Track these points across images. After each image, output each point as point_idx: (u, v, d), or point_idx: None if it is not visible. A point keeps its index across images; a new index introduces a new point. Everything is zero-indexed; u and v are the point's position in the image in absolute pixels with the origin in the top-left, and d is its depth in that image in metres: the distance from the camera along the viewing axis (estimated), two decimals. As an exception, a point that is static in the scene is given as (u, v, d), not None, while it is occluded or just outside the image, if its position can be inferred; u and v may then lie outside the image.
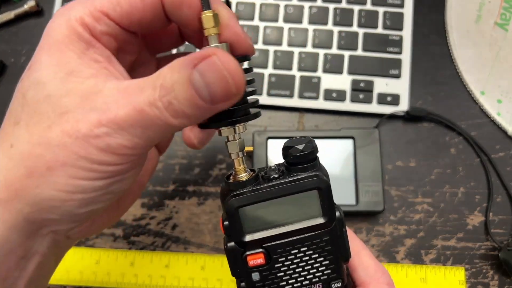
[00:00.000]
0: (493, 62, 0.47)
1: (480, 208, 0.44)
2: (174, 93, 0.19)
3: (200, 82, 0.19)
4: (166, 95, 0.19)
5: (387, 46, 0.47)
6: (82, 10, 0.21)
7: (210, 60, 0.19)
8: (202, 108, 0.19)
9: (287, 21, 0.48)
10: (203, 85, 0.19)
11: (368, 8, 0.47)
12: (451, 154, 0.45)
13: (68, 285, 0.42)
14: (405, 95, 0.46)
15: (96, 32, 0.22)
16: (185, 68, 0.19)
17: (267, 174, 0.23)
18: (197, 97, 0.19)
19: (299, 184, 0.22)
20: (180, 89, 0.19)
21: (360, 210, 0.42)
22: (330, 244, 0.23)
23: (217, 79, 0.19)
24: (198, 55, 0.19)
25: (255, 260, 0.23)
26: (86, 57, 0.21)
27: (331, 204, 0.23)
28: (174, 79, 0.19)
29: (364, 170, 0.43)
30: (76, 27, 0.21)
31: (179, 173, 0.45)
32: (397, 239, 0.43)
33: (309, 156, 0.23)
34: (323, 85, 0.46)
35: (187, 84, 0.19)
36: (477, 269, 0.42)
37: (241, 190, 0.22)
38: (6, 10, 0.49)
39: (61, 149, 0.20)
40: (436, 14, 0.49)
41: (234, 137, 0.23)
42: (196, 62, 0.19)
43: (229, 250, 0.23)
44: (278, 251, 0.23)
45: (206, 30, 0.21)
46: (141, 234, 0.44)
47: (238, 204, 0.22)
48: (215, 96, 0.19)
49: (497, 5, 0.48)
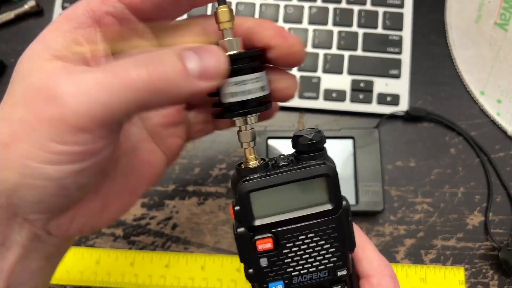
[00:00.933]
0: (493, 62, 0.47)
1: (480, 208, 0.44)
2: (160, 59, 0.19)
3: (192, 57, 0.20)
4: (154, 61, 0.19)
5: (387, 46, 0.47)
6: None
7: (201, 47, 0.20)
8: (188, 78, 0.19)
9: (287, 21, 0.48)
10: (195, 60, 0.20)
11: (368, 8, 0.47)
12: (451, 154, 0.45)
13: (68, 285, 0.42)
14: (405, 95, 0.46)
15: (99, 13, 0.22)
16: (175, 48, 0.20)
17: (277, 162, 0.24)
18: (187, 70, 0.19)
19: (308, 171, 0.23)
20: (167, 57, 0.19)
21: (360, 210, 0.42)
22: (336, 232, 0.24)
23: (212, 57, 0.20)
24: (190, 45, 0.20)
25: (264, 245, 0.23)
26: (73, 39, 0.21)
27: (338, 191, 0.24)
28: (162, 52, 0.19)
29: (364, 170, 0.43)
30: (78, 10, 0.21)
31: (179, 173, 0.45)
32: (397, 239, 0.43)
33: (318, 145, 0.23)
34: (323, 85, 0.46)
35: (176, 56, 0.19)
36: (477, 269, 0.42)
37: (252, 176, 0.23)
38: (6, 10, 0.49)
39: (18, 124, 0.19)
40: (436, 14, 0.49)
41: (246, 127, 0.24)
42: (189, 48, 0.20)
43: (239, 235, 0.23)
44: (286, 237, 0.24)
45: (221, 24, 0.22)
46: (141, 234, 0.44)
47: (250, 188, 0.23)
48: (207, 71, 0.20)
49: (497, 5, 0.48)
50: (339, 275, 0.24)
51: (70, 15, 0.21)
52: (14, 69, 0.21)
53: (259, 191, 0.23)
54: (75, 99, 0.18)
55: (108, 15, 0.22)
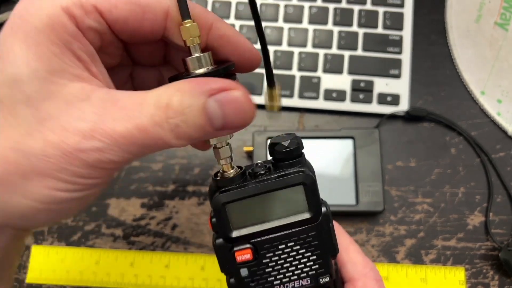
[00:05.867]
0: (493, 62, 0.47)
1: (480, 208, 0.44)
2: (185, 117, 0.18)
3: (217, 112, 0.19)
4: (175, 117, 0.18)
5: (387, 46, 0.46)
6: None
7: (232, 94, 0.19)
8: (209, 133, 0.19)
9: (287, 21, 0.48)
10: (219, 116, 0.19)
11: (368, 8, 0.47)
12: (451, 154, 0.45)
13: (68, 285, 0.42)
14: (405, 95, 0.46)
15: (83, 25, 0.19)
16: (200, 95, 0.19)
17: (254, 170, 0.23)
18: (209, 125, 0.19)
19: (285, 180, 0.23)
20: (192, 114, 0.18)
21: (360, 210, 0.42)
22: (317, 239, 0.24)
23: (237, 112, 0.19)
24: (214, 85, 0.19)
25: (243, 256, 0.23)
26: (69, 53, 0.19)
27: (317, 199, 0.23)
28: (186, 102, 0.18)
29: (364, 170, 0.43)
30: (61, 16, 0.18)
31: (179, 173, 0.45)
32: (397, 239, 0.43)
33: (295, 152, 0.23)
34: (323, 85, 0.46)
35: (201, 111, 0.19)
36: (477, 269, 0.42)
37: (228, 187, 0.23)
38: (6, 10, 0.49)
39: (41, 159, 0.18)
40: (436, 14, 0.49)
41: (222, 144, 0.23)
42: (213, 92, 0.19)
43: (218, 246, 0.23)
44: (265, 247, 0.23)
45: (188, 40, 0.21)
46: (141, 234, 0.44)
47: (225, 200, 0.22)
48: (229, 126, 0.19)
49: (497, 5, 0.48)
50: (322, 282, 0.24)
51: (53, 22, 0.18)
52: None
53: (235, 202, 0.22)
54: (112, 151, 0.18)
55: (91, 30, 0.20)
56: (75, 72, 0.19)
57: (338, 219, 0.44)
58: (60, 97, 0.18)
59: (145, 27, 0.21)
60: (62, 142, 0.18)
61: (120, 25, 0.20)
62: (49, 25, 0.18)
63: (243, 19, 0.48)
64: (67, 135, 0.18)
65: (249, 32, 0.47)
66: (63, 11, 0.19)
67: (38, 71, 0.18)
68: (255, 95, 0.46)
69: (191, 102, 0.18)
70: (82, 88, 0.19)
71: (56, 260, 0.43)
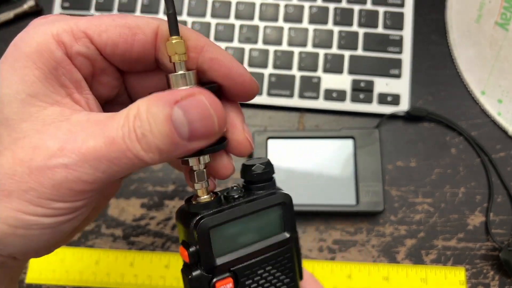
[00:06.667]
0: (494, 62, 0.47)
1: (480, 208, 0.44)
2: (150, 126, 0.18)
3: (181, 118, 0.18)
4: (140, 126, 0.18)
5: (388, 45, 0.46)
6: (62, 25, 0.19)
7: (196, 98, 0.18)
8: (177, 145, 0.18)
9: (287, 21, 0.47)
10: (184, 122, 0.18)
11: (368, 7, 0.47)
12: (452, 154, 0.45)
13: (68, 285, 0.42)
14: (405, 95, 0.46)
15: (71, 51, 0.20)
16: (165, 104, 0.18)
17: (229, 194, 0.23)
18: (175, 133, 0.18)
19: (265, 200, 0.22)
20: (156, 123, 0.18)
21: (361, 210, 0.42)
22: (291, 261, 0.24)
23: (201, 117, 0.18)
24: (180, 93, 0.18)
25: (225, 286, 0.22)
26: (52, 78, 0.19)
27: (294, 219, 0.24)
28: (151, 111, 0.18)
29: (365, 170, 0.42)
30: (50, 43, 0.19)
31: (179, 173, 0.45)
32: (398, 239, 0.43)
33: (265, 175, 0.23)
34: (323, 85, 0.46)
35: (165, 119, 0.18)
36: (477, 269, 0.42)
37: (206, 212, 0.22)
38: (6, 10, 0.49)
39: (9, 177, 0.18)
40: (437, 13, 0.49)
41: (199, 167, 0.22)
42: (178, 99, 0.18)
43: (195, 279, 0.21)
44: (245, 273, 0.23)
45: (173, 57, 0.21)
46: (140, 235, 0.44)
47: (211, 224, 0.21)
48: (195, 134, 0.18)
49: (498, 4, 0.48)
50: None
51: (41, 48, 0.19)
52: None
53: (218, 227, 0.22)
54: (79, 167, 0.18)
55: (79, 55, 0.20)
56: (56, 98, 0.19)
57: (338, 219, 0.44)
58: (38, 118, 0.18)
59: (135, 49, 0.21)
60: (31, 159, 0.18)
61: (111, 48, 0.20)
62: (37, 51, 0.19)
63: (243, 19, 0.47)
64: (36, 152, 0.18)
65: (249, 31, 0.47)
66: (53, 38, 0.19)
67: (19, 93, 0.18)
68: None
69: (157, 110, 0.18)
70: (61, 111, 0.19)
71: (55, 260, 0.43)
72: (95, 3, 0.48)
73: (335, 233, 0.43)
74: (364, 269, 0.41)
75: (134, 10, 0.48)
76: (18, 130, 0.18)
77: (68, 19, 0.20)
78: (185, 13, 0.48)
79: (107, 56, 0.21)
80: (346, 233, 0.43)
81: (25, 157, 0.18)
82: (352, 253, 0.43)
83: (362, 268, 0.41)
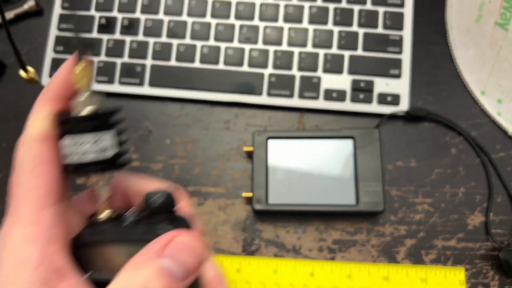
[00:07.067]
0: (494, 62, 0.47)
1: (480, 208, 0.44)
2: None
3: (172, 265, 0.19)
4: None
5: (387, 46, 0.46)
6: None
7: (176, 241, 0.19)
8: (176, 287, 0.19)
9: (287, 21, 0.48)
10: (176, 266, 0.19)
11: (368, 8, 0.47)
12: (452, 154, 0.45)
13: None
14: (405, 95, 0.46)
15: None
16: (150, 261, 0.18)
17: (126, 216, 0.23)
18: (173, 281, 0.18)
19: (148, 232, 0.21)
20: (153, 284, 0.18)
21: (360, 210, 0.42)
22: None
23: (189, 254, 0.19)
24: (159, 244, 0.19)
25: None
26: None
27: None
28: (144, 276, 0.18)
29: (364, 170, 0.42)
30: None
31: (179, 173, 0.45)
32: (398, 239, 0.43)
33: (165, 207, 0.22)
34: (323, 85, 0.46)
35: (159, 275, 0.18)
36: (477, 269, 0.42)
37: (90, 229, 0.22)
38: (6, 10, 0.49)
39: None
40: (437, 13, 0.49)
41: (104, 183, 0.22)
42: (160, 251, 0.19)
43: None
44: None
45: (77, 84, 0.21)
46: (141, 234, 0.44)
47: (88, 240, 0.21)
48: (190, 270, 0.19)
49: (498, 4, 0.48)
50: None
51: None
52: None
53: (90, 247, 0.21)
54: None
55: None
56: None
57: (338, 219, 0.44)
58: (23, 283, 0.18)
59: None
60: None
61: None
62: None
63: (243, 19, 0.48)
64: None
65: (249, 31, 0.47)
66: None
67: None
68: (255, 95, 0.46)
69: (147, 273, 0.18)
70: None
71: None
72: (95, 3, 0.48)
73: (335, 233, 0.43)
74: (364, 269, 0.41)
75: (134, 10, 0.48)
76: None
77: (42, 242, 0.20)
78: (185, 14, 0.48)
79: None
80: (346, 233, 0.43)
81: None
82: (352, 253, 0.43)
83: (362, 268, 0.41)
